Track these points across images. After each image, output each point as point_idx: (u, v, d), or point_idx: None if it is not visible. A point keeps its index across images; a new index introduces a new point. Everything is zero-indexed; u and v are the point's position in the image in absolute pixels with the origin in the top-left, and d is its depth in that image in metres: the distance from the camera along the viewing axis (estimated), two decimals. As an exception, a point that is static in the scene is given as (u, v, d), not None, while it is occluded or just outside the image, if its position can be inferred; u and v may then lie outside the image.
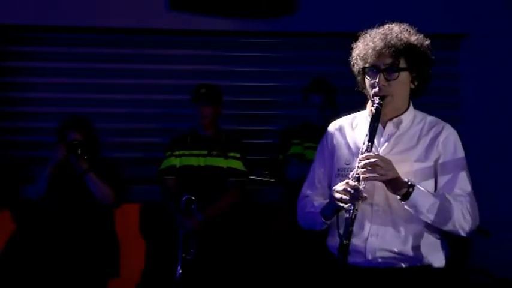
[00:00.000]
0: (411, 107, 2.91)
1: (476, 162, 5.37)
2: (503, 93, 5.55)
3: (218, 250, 4.68)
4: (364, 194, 2.67)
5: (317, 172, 3.02)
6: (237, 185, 4.77)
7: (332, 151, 2.95)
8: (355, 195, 2.65)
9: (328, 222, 2.83)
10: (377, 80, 2.78)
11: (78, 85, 5.55)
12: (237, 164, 4.79)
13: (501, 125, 5.53)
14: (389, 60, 2.77)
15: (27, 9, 5.35)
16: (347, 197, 2.67)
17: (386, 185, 2.72)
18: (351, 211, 2.66)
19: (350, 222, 2.66)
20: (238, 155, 4.80)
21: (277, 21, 5.40)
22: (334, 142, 2.96)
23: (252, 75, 5.59)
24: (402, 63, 2.78)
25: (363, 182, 2.67)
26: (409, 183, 2.69)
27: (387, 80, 2.78)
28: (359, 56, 2.84)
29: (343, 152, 2.86)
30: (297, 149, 4.80)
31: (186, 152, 4.82)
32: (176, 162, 4.82)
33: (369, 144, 2.72)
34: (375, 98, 2.79)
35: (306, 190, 3.05)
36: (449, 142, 2.82)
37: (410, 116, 2.89)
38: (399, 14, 5.49)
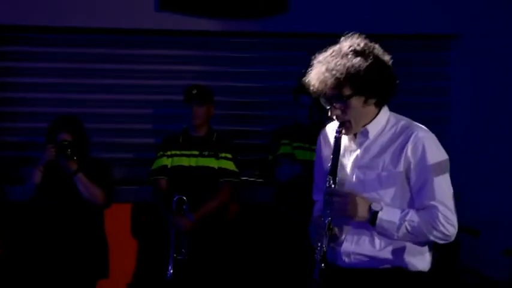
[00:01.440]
0: (381, 114, 2.85)
1: (463, 162, 5.43)
2: (493, 93, 5.57)
3: (209, 250, 4.69)
4: (334, 228, 2.76)
5: (316, 176, 3.04)
6: (228, 185, 4.77)
7: (324, 153, 2.97)
8: (320, 233, 2.75)
9: (315, 266, 2.81)
10: (330, 112, 2.82)
11: (69, 85, 5.51)
12: (229, 165, 4.79)
13: (491, 125, 5.55)
14: (333, 91, 2.77)
15: (21, 10, 5.31)
16: (316, 236, 2.77)
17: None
18: (319, 250, 2.74)
19: (320, 259, 2.74)
20: (229, 156, 4.80)
21: (269, 22, 5.40)
22: (326, 144, 2.98)
23: (244, 76, 5.59)
24: (347, 91, 2.75)
25: (328, 218, 2.74)
26: (372, 210, 2.72)
27: (338, 108, 2.79)
28: (310, 87, 2.85)
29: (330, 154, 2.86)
30: (286, 149, 4.80)
31: (178, 152, 4.82)
32: (168, 162, 4.82)
33: (330, 178, 2.77)
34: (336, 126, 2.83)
35: (314, 195, 3.06)
36: (418, 149, 2.75)
37: (380, 123, 2.85)
38: (390, 15, 5.57)
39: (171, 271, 4.57)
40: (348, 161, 2.85)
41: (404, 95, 5.62)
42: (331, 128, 2.94)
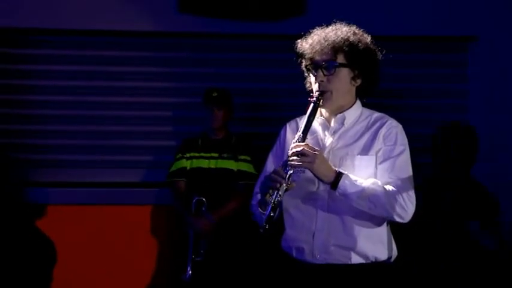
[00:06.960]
0: (357, 104, 2.99)
1: (483, 165, 5.40)
2: (511, 95, 5.56)
3: (228, 251, 4.71)
4: (292, 182, 2.77)
5: (268, 169, 3.10)
6: (247, 188, 4.78)
7: (283, 148, 3.04)
8: (278, 180, 2.75)
9: (265, 212, 2.82)
10: (316, 77, 2.89)
11: (87, 88, 5.51)
12: (247, 167, 4.81)
13: (509, 127, 5.53)
14: (327, 56, 2.87)
15: (37, 12, 5.33)
16: (272, 184, 2.77)
17: (313, 174, 2.80)
18: (274, 196, 2.75)
19: (272, 207, 2.75)
20: (248, 158, 4.83)
21: (287, 24, 5.39)
22: (286, 139, 3.08)
23: (262, 78, 5.58)
24: (341, 59, 2.87)
25: (290, 169, 2.77)
26: (338, 171, 2.79)
27: (325, 75, 2.87)
28: (301, 54, 2.95)
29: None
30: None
31: (197, 155, 4.85)
32: (187, 164, 4.85)
33: (301, 135, 2.82)
34: (315, 93, 2.90)
35: (257, 187, 3.10)
36: (390, 135, 2.89)
37: (355, 113, 2.97)
38: (406, 16, 5.55)
39: (190, 272, 4.59)
40: (320, 147, 2.91)
41: (422, 96, 5.65)
42: (298, 121, 3.07)
